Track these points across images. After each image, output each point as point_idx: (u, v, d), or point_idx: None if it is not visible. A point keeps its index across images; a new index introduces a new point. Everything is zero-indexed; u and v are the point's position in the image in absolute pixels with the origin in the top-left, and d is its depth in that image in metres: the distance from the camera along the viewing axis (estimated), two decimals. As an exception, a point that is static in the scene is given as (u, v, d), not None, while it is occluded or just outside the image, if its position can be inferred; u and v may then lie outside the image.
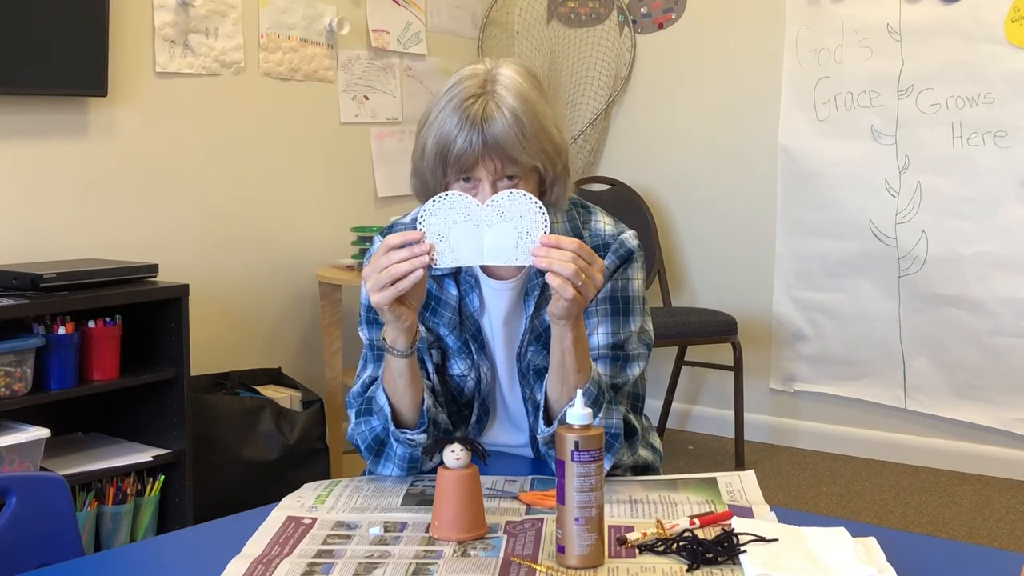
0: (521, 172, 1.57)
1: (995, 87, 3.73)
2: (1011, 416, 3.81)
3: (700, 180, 4.44)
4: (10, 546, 1.41)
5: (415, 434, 1.59)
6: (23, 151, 3.15)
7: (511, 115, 1.53)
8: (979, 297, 3.82)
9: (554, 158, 1.60)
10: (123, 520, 2.97)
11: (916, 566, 1.24)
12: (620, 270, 1.69)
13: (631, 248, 1.70)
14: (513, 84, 1.56)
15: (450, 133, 1.54)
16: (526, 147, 1.54)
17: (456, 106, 1.54)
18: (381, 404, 1.60)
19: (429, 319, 1.71)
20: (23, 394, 2.76)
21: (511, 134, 1.52)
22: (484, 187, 1.56)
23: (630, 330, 1.68)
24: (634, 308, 1.70)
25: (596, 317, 1.67)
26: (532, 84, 1.59)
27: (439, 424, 1.65)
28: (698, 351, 4.33)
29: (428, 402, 1.60)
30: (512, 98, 1.54)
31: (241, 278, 3.75)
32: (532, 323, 1.68)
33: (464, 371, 1.71)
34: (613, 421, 1.60)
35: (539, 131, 1.55)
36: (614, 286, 1.68)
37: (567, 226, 1.70)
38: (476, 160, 1.54)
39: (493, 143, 1.53)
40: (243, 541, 1.36)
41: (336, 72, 4.06)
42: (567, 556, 1.27)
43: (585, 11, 4.69)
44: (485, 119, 1.53)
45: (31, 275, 2.79)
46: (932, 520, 3.46)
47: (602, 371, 1.65)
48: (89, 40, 3.17)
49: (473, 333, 1.70)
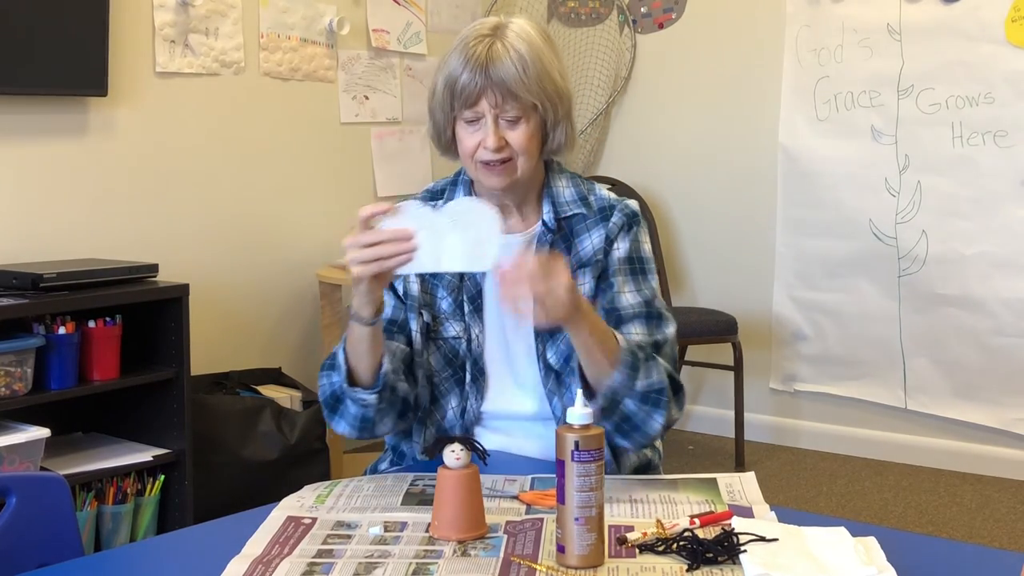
0: (521, 110, 1.64)
1: (995, 87, 3.73)
2: (1011, 416, 3.81)
3: (700, 180, 4.44)
4: (10, 546, 1.41)
5: (367, 394, 1.63)
6: (23, 151, 3.15)
7: (515, 53, 1.62)
8: (979, 297, 3.82)
9: (555, 100, 1.67)
10: (123, 520, 2.97)
11: (916, 566, 1.24)
12: (629, 231, 1.74)
13: (635, 210, 1.77)
14: (520, 29, 1.66)
15: (456, 69, 1.63)
16: (527, 83, 1.62)
17: (464, 47, 1.64)
18: (339, 362, 1.64)
19: (429, 280, 1.76)
20: (23, 394, 2.76)
21: (513, 69, 1.61)
22: (488, 123, 1.64)
23: (652, 287, 1.74)
24: (650, 268, 1.76)
25: (620, 276, 1.72)
26: (539, 33, 1.68)
27: (397, 391, 1.67)
28: (698, 351, 4.33)
29: (387, 367, 1.63)
30: (517, 39, 1.64)
31: (241, 278, 3.75)
32: None
33: (458, 333, 1.75)
34: (654, 378, 1.61)
35: (541, 72, 1.64)
36: (629, 248, 1.74)
37: (572, 190, 1.76)
38: (479, 93, 1.62)
39: (496, 77, 1.61)
40: (243, 541, 1.36)
41: (336, 72, 4.06)
42: (567, 556, 1.27)
43: (585, 11, 4.69)
44: (490, 56, 1.62)
45: (31, 275, 2.79)
46: (932, 520, 3.46)
47: (639, 330, 1.69)
48: (89, 40, 3.17)
49: (472, 295, 1.74)
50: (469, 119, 1.65)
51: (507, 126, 1.65)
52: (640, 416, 1.61)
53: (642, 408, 1.60)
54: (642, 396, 1.60)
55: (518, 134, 1.65)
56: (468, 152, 1.68)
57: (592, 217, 1.75)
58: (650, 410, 1.61)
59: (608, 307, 1.71)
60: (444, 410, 1.77)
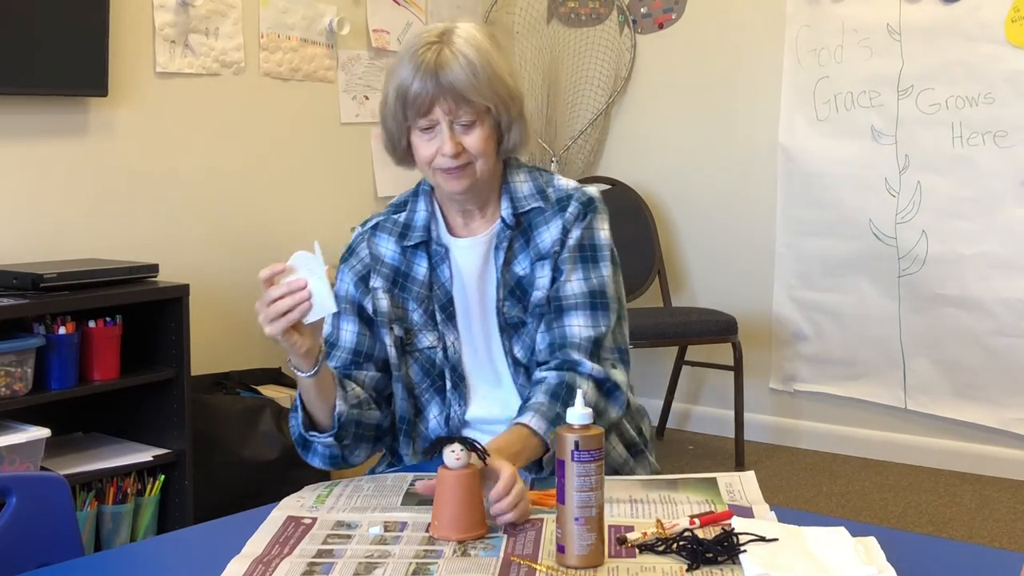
0: (475, 114, 1.65)
1: (995, 87, 3.73)
2: (1011, 416, 3.81)
3: (700, 180, 4.44)
4: (10, 546, 1.41)
5: (326, 437, 1.65)
6: (23, 151, 3.15)
7: (464, 58, 1.62)
8: (979, 297, 3.82)
9: (508, 102, 1.67)
10: (123, 520, 2.97)
11: (916, 566, 1.24)
12: (584, 218, 1.75)
13: (592, 196, 1.78)
14: (468, 34, 1.66)
15: (407, 78, 1.63)
16: (478, 87, 1.62)
17: (412, 54, 1.64)
18: (297, 406, 1.68)
19: (398, 295, 1.77)
20: (23, 394, 2.76)
21: (463, 74, 1.61)
22: (443, 129, 1.65)
23: (602, 275, 1.74)
24: (603, 256, 1.75)
25: (569, 264, 1.72)
26: (487, 36, 1.68)
27: (364, 423, 1.70)
28: (698, 351, 4.33)
29: (341, 408, 1.64)
30: (465, 44, 1.64)
31: (241, 278, 3.74)
32: (504, 277, 1.74)
33: (432, 343, 1.76)
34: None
35: (491, 75, 1.64)
36: (581, 235, 1.74)
37: (531, 184, 1.77)
38: (431, 102, 1.63)
39: (447, 84, 1.61)
40: (243, 541, 1.36)
41: (336, 72, 4.06)
42: (567, 556, 1.27)
43: (585, 11, 4.69)
44: (439, 63, 1.62)
45: (31, 275, 2.79)
46: (932, 520, 3.46)
47: (580, 322, 1.70)
48: (89, 40, 3.17)
49: (443, 303, 1.75)
50: (424, 127, 1.66)
51: (462, 131, 1.65)
52: None
53: None
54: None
55: (474, 138, 1.65)
56: (426, 160, 1.68)
57: (550, 209, 1.75)
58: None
59: (554, 295, 1.72)
60: (427, 420, 1.78)
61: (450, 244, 1.76)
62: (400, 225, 1.79)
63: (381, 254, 1.79)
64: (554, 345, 1.71)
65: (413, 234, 1.77)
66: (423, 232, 1.77)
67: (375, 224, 1.82)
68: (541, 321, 1.73)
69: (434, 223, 1.77)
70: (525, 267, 1.74)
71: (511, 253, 1.74)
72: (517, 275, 1.74)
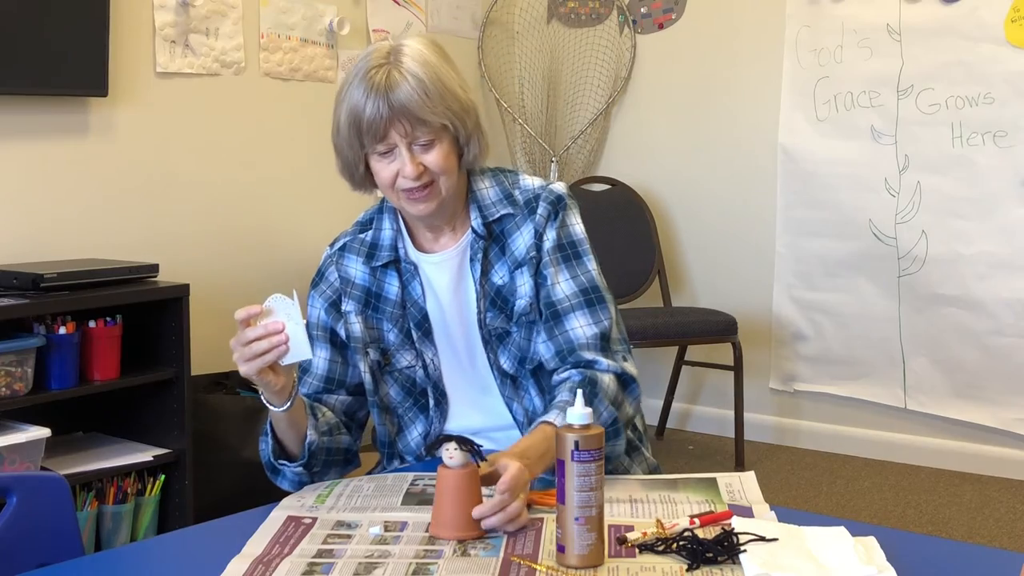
0: (432, 133, 1.62)
1: (995, 87, 3.73)
2: (1011, 416, 3.81)
3: (700, 180, 4.44)
4: (10, 546, 1.42)
5: (295, 466, 1.64)
6: (23, 151, 3.15)
7: (413, 78, 1.58)
8: (979, 297, 3.82)
9: (463, 116, 1.64)
10: (123, 520, 2.97)
11: (916, 566, 1.24)
12: (556, 217, 1.72)
13: (560, 193, 1.75)
14: (415, 52, 1.62)
15: (359, 103, 1.60)
16: (431, 106, 1.59)
17: (362, 78, 1.60)
18: (267, 435, 1.67)
19: (371, 316, 1.75)
20: (23, 394, 2.76)
21: (415, 95, 1.58)
22: (401, 152, 1.61)
23: (589, 270, 1.72)
24: (584, 250, 1.73)
25: (552, 268, 1.70)
26: (434, 51, 1.64)
27: (334, 448, 1.70)
28: (698, 351, 4.33)
29: (312, 437, 1.64)
30: (413, 64, 1.60)
31: (241, 278, 3.74)
32: (483, 288, 1.71)
33: (411, 362, 1.74)
34: (604, 417, 1.62)
35: (443, 91, 1.60)
36: (557, 234, 1.72)
37: (497, 189, 1.74)
38: (386, 125, 1.59)
39: (399, 106, 1.58)
40: (243, 541, 1.36)
41: (336, 72, 4.06)
42: (567, 556, 1.27)
43: (585, 11, 4.69)
44: (389, 85, 1.58)
45: (31, 275, 2.79)
46: (932, 520, 3.46)
47: (581, 322, 1.68)
48: (89, 40, 3.17)
49: (418, 321, 1.73)
50: (382, 152, 1.63)
51: (421, 151, 1.62)
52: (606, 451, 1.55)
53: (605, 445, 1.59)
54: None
55: (434, 156, 1.62)
56: (387, 183, 1.65)
57: (519, 213, 1.72)
58: (613, 443, 1.62)
59: (546, 302, 1.70)
60: (409, 439, 1.77)
61: (419, 260, 1.74)
62: (367, 245, 1.77)
63: (351, 275, 1.77)
64: (562, 352, 1.68)
65: (380, 254, 1.75)
66: (390, 251, 1.74)
67: (343, 245, 1.80)
68: (528, 329, 1.71)
69: (401, 240, 1.75)
70: (503, 275, 1.72)
71: (487, 263, 1.72)
72: (496, 284, 1.72)
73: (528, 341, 1.72)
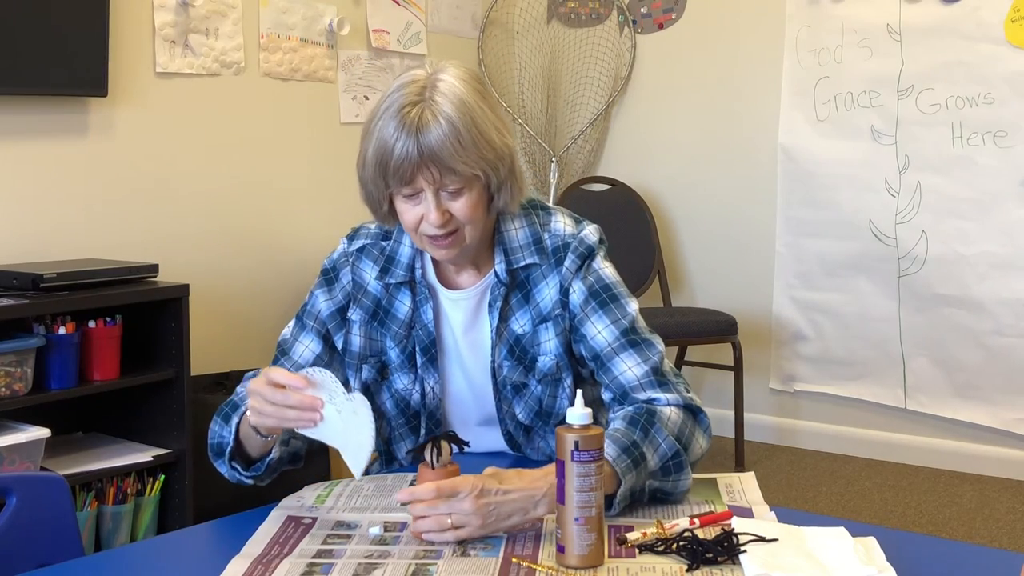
0: (462, 181, 1.53)
1: (995, 87, 3.73)
2: (1011, 416, 3.81)
3: (700, 180, 4.44)
4: (10, 546, 1.41)
5: (246, 475, 1.59)
6: (23, 151, 3.15)
7: (447, 124, 1.49)
8: (979, 297, 3.82)
9: (496, 164, 1.55)
10: (123, 520, 2.97)
11: (916, 566, 1.24)
12: (583, 268, 1.65)
13: (591, 244, 1.66)
14: (451, 90, 1.52)
15: (387, 143, 1.51)
16: (463, 156, 1.50)
17: (394, 114, 1.51)
18: (230, 430, 1.58)
19: (376, 329, 1.68)
20: (23, 394, 2.76)
21: (447, 143, 1.49)
22: (428, 196, 1.53)
23: (627, 311, 1.64)
24: (619, 292, 1.65)
25: (589, 320, 1.62)
26: (472, 89, 1.54)
27: (285, 457, 1.63)
28: (698, 351, 4.33)
29: (275, 455, 1.58)
30: (449, 105, 1.50)
31: (241, 278, 3.75)
32: (500, 335, 1.65)
33: (408, 385, 1.68)
34: (663, 449, 1.50)
35: (477, 138, 1.51)
36: (586, 283, 1.64)
37: (526, 231, 1.66)
38: (414, 170, 1.51)
39: (429, 153, 1.49)
40: (243, 541, 1.36)
41: (336, 72, 4.06)
42: (567, 556, 1.27)
43: (585, 11, 4.69)
44: (421, 128, 1.49)
45: (31, 275, 2.79)
46: (932, 520, 3.46)
47: (631, 363, 1.59)
48: (89, 40, 3.17)
49: (424, 346, 1.66)
50: (407, 194, 1.55)
51: (449, 197, 1.54)
52: (668, 487, 1.50)
53: (666, 481, 1.50)
54: (661, 471, 1.49)
55: (461, 205, 1.54)
56: (411, 226, 1.57)
57: (546, 263, 1.64)
58: (675, 477, 1.50)
59: (589, 355, 1.63)
60: (398, 453, 1.74)
61: (437, 288, 1.68)
62: (384, 257, 1.68)
63: (364, 282, 1.69)
64: (616, 397, 1.61)
65: (396, 271, 1.67)
66: (406, 272, 1.67)
67: (362, 247, 1.71)
68: (554, 387, 1.65)
69: (420, 261, 1.68)
70: (525, 325, 1.65)
71: (507, 309, 1.65)
72: (515, 333, 1.64)
73: (553, 398, 1.66)
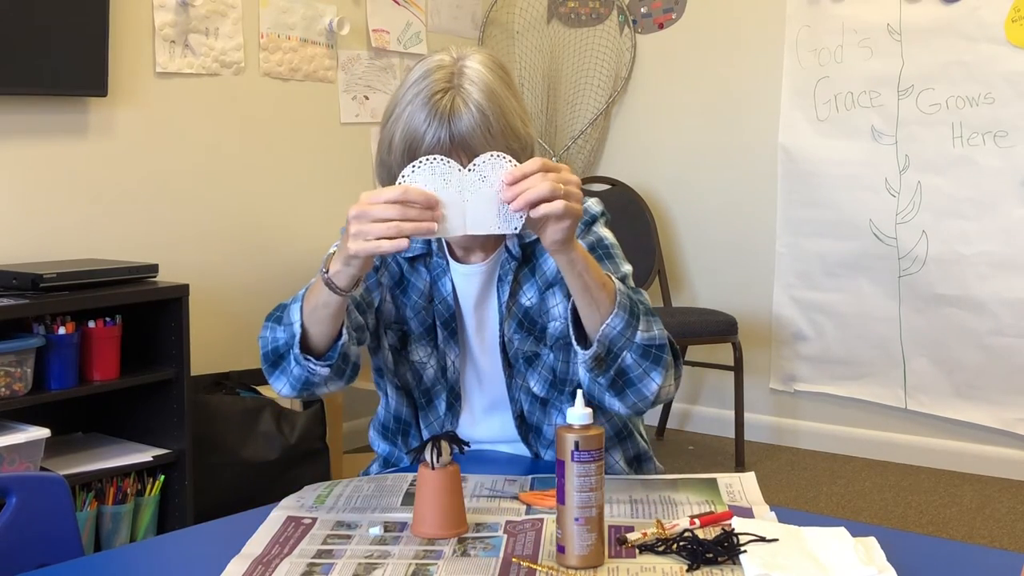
0: None
1: (995, 87, 3.73)
2: (1011, 416, 3.81)
3: (700, 180, 4.44)
4: (10, 546, 1.41)
5: (319, 365, 1.54)
6: (23, 151, 3.16)
7: (478, 112, 1.52)
8: (979, 297, 3.82)
9: (519, 154, 1.57)
10: (123, 520, 2.97)
11: (916, 566, 1.24)
12: (586, 230, 1.68)
13: (594, 213, 1.70)
14: (480, 78, 1.55)
15: (418, 129, 1.53)
16: (492, 144, 1.52)
17: (424, 101, 1.53)
18: (293, 320, 1.55)
19: (400, 297, 1.71)
20: (23, 394, 2.76)
21: (478, 131, 1.52)
22: None
23: (622, 270, 1.65)
24: (616, 253, 1.68)
25: None
26: (499, 77, 1.58)
27: (349, 358, 1.58)
28: (698, 351, 4.33)
29: (345, 338, 1.54)
30: (479, 93, 1.54)
31: (241, 278, 3.75)
32: (509, 310, 1.67)
33: (423, 358, 1.70)
34: (655, 332, 1.52)
35: (505, 128, 1.55)
36: (585, 241, 1.64)
37: None
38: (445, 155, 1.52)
39: (460, 139, 1.52)
40: (243, 541, 1.36)
41: (336, 72, 4.06)
42: (567, 556, 1.27)
43: (585, 11, 4.69)
44: (452, 115, 1.52)
45: (31, 275, 2.79)
46: (932, 520, 3.46)
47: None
48: (89, 40, 3.18)
49: (445, 319, 1.68)
50: None
51: None
52: (637, 372, 1.51)
53: (641, 363, 1.51)
54: (642, 350, 1.51)
55: None
56: None
57: None
58: (649, 367, 1.52)
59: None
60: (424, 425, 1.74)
61: (448, 262, 1.69)
62: None
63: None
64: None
65: (413, 244, 1.67)
66: (423, 244, 1.68)
67: None
68: (566, 352, 1.65)
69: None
70: (532, 297, 1.67)
71: (516, 285, 1.67)
72: (524, 306, 1.67)
73: (567, 364, 1.66)
